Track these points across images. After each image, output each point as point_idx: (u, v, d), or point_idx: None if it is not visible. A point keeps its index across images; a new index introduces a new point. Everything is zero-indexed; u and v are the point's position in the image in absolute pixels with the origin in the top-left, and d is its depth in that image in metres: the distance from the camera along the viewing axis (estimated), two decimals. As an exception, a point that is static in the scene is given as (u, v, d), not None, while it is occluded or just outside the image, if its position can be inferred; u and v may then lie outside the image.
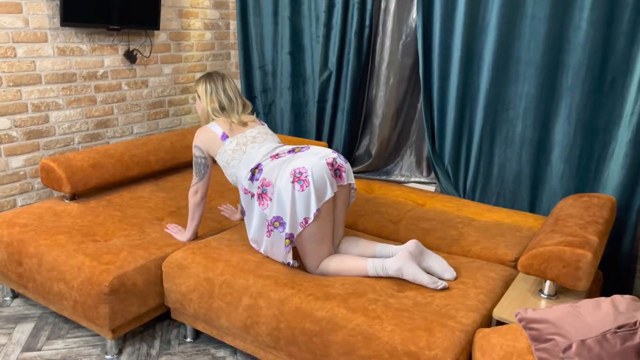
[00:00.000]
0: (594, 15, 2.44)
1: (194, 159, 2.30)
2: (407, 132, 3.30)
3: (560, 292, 1.96)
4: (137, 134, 3.49)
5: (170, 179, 3.20)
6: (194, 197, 2.33)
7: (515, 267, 2.28)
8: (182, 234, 2.43)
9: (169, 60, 3.59)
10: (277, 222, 2.07)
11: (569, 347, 1.30)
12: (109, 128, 3.32)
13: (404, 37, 3.13)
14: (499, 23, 2.68)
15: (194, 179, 2.32)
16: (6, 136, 2.82)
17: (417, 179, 3.30)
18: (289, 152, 2.18)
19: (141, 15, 3.22)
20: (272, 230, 2.10)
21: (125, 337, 2.37)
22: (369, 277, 2.08)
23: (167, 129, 3.68)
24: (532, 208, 2.85)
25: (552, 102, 2.67)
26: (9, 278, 2.49)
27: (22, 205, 2.94)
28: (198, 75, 3.81)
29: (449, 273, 2.04)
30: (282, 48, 3.53)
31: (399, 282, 2.04)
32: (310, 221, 2.02)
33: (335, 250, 2.23)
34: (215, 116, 2.31)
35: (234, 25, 3.93)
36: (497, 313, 1.85)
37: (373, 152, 3.33)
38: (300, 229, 2.04)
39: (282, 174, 2.06)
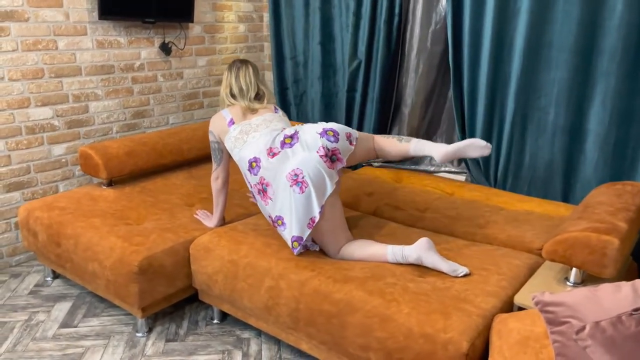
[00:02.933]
0: (630, -4, 2.35)
1: (210, 144, 2.36)
2: (438, 121, 3.26)
3: (588, 280, 1.90)
4: (173, 124, 3.59)
5: (202, 167, 3.29)
6: (215, 183, 2.39)
7: (541, 255, 2.22)
8: (209, 220, 2.49)
9: (203, 52, 3.68)
10: (280, 220, 2.10)
11: (582, 328, 1.27)
12: (146, 118, 3.43)
13: (433, 25, 3.09)
14: (530, 7, 2.61)
15: (214, 165, 2.38)
16: (49, 125, 2.96)
17: (447, 169, 3.26)
18: (282, 144, 2.13)
19: (176, 8, 3.32)
20: (275, 227, 2.15)
21: (156, 316, 2.46)
22: (389, 263, 2.07)
23: (202, 120, 3.77)
24: (566, 198, 2.77)
25: (586, 88, 2.59)
26: (49, 259, 2.62)
27: (63, 191, 3.09)
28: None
29: (461, 270, 1.99)
30: (313, 38, 3.55)
31: (421, 268, 2.03)
32: (317, 220, 2.04)
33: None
34: (229, 101, 2.38)
35: (267, 17, 3.99)
36: (519, 299, 1.82)
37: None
38: (309, 231, 2.05)
39: (279, 177, 2.07)
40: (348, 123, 3.48)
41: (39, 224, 2.56)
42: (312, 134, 2.12)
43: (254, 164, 2.15)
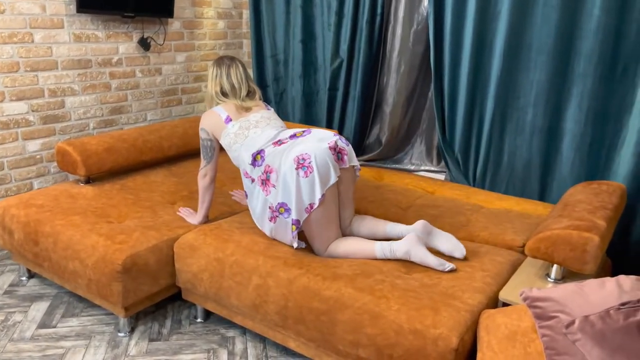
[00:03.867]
0: (606, 2, 2.42)
1: (200, 141, 2.34)
2: (418, 121, 3.31)
3: (568, 276, 1.96)
4: (151, 121, 3.54)
5: (182, 164, 3.25)
6: (202, 180, 2.37)
7: (522, 252, 2.28)
8: (193, 217, 2.47)
9: (182, 48, 3.63)
10: (282, 208, 2.10)
11: (572, 322, 1.32)
12: (123, 114, 3.37)
13: (415, 25, 3.13)
14: (510, 10, 2.67)
15: (202, 162, 2.36)
16: (23, 120, 2.88)
17: (427, 168, 3.31)
18: (291, 137, 2.19)
19: (155, 3, 3.27)
20: (277, 216, 2.14)
21: (138, 316, 2.43)
22: (377, 259, 2.10)
23: (180, 117, 3.73)
24: (542, 196, 2.85)
25: (563, 90, 2.66)
26: (25, 257, 2.55)
27: (38, 188, 3.00)
28: (211, 64, 3.84)
29: (458, 251, 2.05)
30: (294, 36, 3.55)
31: (407, 264, 2.06)
32: (315, 206, 2.05)
33: (346, 230, 2.26)
34: (219, 100, 2.36)
35: (246, 14, 3.96)
36: (504, 295, 1.86)
37: (383, 140, 3.35)
38: (306, 215, 2.07)
39: (285, 160, 2.08)
40: (329, 122, 3.50)
41: (15, 222, 2.48)
42: (327, 132, 2.19)
43: (258, 156, 2.17)
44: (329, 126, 3.50)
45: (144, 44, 3.35)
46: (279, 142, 2.18)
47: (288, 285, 1.97)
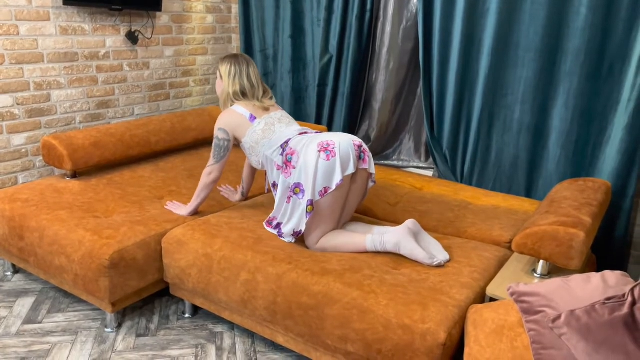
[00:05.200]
0: (593, 0, 2.45)
1: (215, 141, 2.32)
2: (407, 117, 3.32)
3: (553, 272, 1.99)
4: (138, 115, 3.51)
5: (170, 159, 3.23)
6: (206, 178, 2.36)
7: (509, 248, 2.31)
8: (182, 209, 2.46)
9: (170, 42, 3.60)
10: (298, 188, 2.12)
11: (558, 317, 1.33)
12: (110, 109, 3.34)
13: (404, 22, 3.14)
14: (499, 8, 2.69)
15: (211, 161, 2.34)
16: (8, 114, 2.84)
17: (415, 164, 3.33)
18: (316, 132, 2.27)
19: (143, -4, 3.24)
20: (291, 196, 2.15)
21: (125, 311, 2.41)
22: (367, 252, 2.11)
23: (168, 112, 3.70)
24: (529, 193, 2.88)
25: (550, 88, 2.69)
26: (10, 253, 2.52)
27: (23, 183, 2.97)
28: (199, 58, 3.83)
29: (442, 255, 2.06)
30: (283, 32, 3.54)
31: (395, 259, 2.07)
32: (330, 191, 2.07)
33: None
34: (235, 99, 2.34)
35: (235, 9, 3.94)
36: (491, 290, 1.88)
37: (372, 136, 3.36)
38: (318, 197, 2.08)
39: (308, 144, 2.13)
40: (318, 117, 3.50)
41: (0, 217, 2.45)
42: (352, 136, 2.23)
43: (285, 145, 2.21)
44: (317, 122, 3.50)
45: (132, 37, 3.32)
46: (305, 133, 2.26)
47: (277, 280, 1.97)
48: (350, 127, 3.40)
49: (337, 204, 2.15)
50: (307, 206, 2.09)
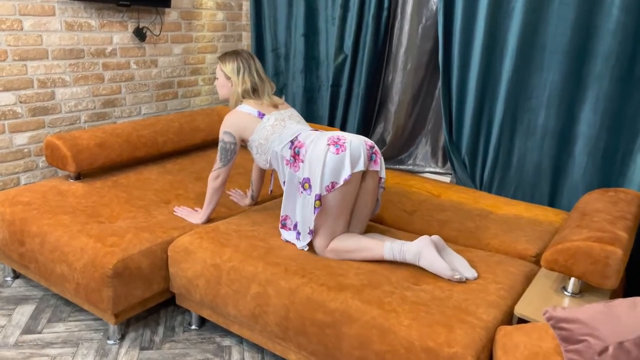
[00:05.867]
0: (626, 1, 2.31)
1: (221, 144, 2.21)
2: (423, 121, 3.19)
3: (584, 290, 1.86)
4: (145, 115, 3.40)
5: (178, 161, 3.12)
6: (214, 182, 2.25)
7: (536, 262, 2.18)
8: (194, 216, 2.34)
9: (179, 39, 3.49)
10: (307, 184, 2.03)
11: (605, 349, 1.21)
12: (117, 107, 3.23)
13: (423, 21, 3.01)
14: (525, 8, 2.56)
15: (217, 164, 2.23)
16: (10, 112, 2.74)
17: (431, 169, 3.20)
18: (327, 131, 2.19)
19: (152, -9, 3.12)
20: (302, 192, 2.06)
21: (129, 322, 2.30)
22: (383, 260, 1.98)
23: (176, 111, 3.59)
24: (552, 202, 2.75)
25: (577, 91, 2.55)
26: (10, 258, 2.42)
27: (25, 184, 2.87)
28: (209, 56, 3.71)
29: (469, 273, 1.93)
30: (296, 30, 3.42)
31: (415, 273, 1.95)
32: (337, 186, 1.96)
33: None
34: (244, 97, 2.23)
35: (246, 6, 3.82)
36: (519, 310, 1.75)
37: (388, 139, 3.23)
38: (324, 193, 1.97)
39: (318, 138, 2.05)
40: (331, 119, 3.38)
41: (0, 220, 2.35)
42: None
43: (294, 139, 2.12)
44: (330, 124, 3.38)
45: (140, 34, 3.20)
46: (315, 130, 2.18)
47: (290, 295, 1.85)
48: (365, 130, 3.28)
49: (346, 203, 2.02)
50: (315, 201, 1.98)
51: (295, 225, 2.15)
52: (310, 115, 3.52)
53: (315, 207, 1.99)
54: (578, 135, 2.60)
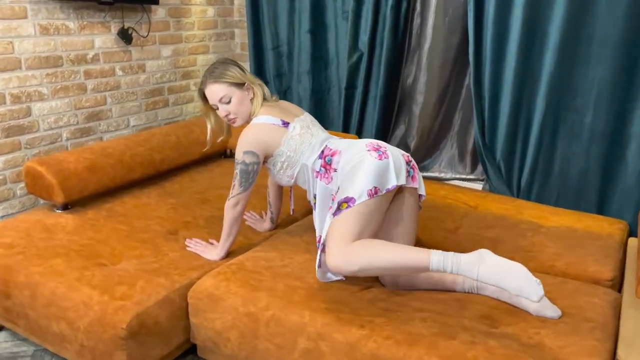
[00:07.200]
0: (689, -15, 2.07)
1: (242, 166, 1.86)
2: (449, 123, 2.91)
3: (684, 322, 1.61)
4: (134, 127, 3.01)
5: (176, 179, 2.75)
6: (232, 210, 1.91)
7: (612, 287, 1.92)
8: (211, 251, 2.00)
9: (168, 40, 3.10)
10: (345, 203, 1.67)
11: None
12: (102, 121, 2.83)
13: (450, 12, 2.71)
14: (569, -5, 2.29)
15: (236, 190, 1.89)
16: (-20, 134, 2.33)
17: (460, 175, 2.92)
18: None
19: (137, -14, 2.73)
20: (332, 206, 1.74)
21: (142, 380, 1.94)
22: (429, 271, 1.56)
23: (167, 121, 3.21)
24: (600, 210, 2.50)
25: (630, 89, 2.30)
26: (-8, 311, 2.03)
27: (2, 216, 2.46)
28: (200, 57, 3.33)
29: (551, 311, 1.64)
30: (300, 26, 3.07)
31: (487, 311, 1.66)
32: (380, 193, 1.64)
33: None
34: (260, 106, 1.94)
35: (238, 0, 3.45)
36: (624, 357, 1.49)
37: (412, 145, 2.93)
38: (365, 198, 1.61)
39: (354, 144, 1.81)
40: (346, 124, 3.05)
41: (-23, 268, 1.96)
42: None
43: (324, 148, 1.87)
44: (345, 130, 3.05)
45: (125, 36, 2.81)
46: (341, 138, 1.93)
47: (349, 351, 1.54)
48: (383, 135, 2.97)
49: (376, 218, 1.67)
50: (342, 203, 1.63)
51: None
52: (319, 121, 3.15)
53: (339, 209, 1.63)
54: (631, 137, 2.35)
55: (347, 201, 1.63)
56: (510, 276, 1.45)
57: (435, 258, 1.51)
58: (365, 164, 1.67)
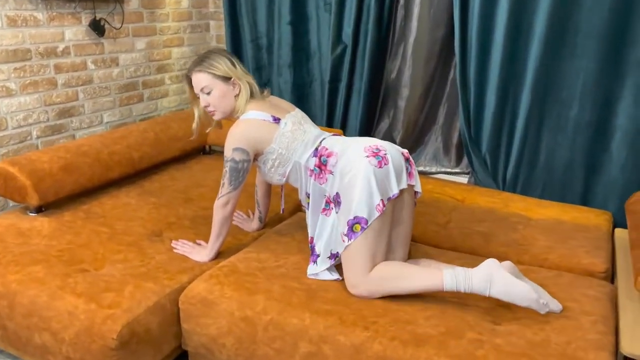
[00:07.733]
0: (673, -22, 2.09)
1: (231, 164, 1.78)
2: (434, 116, 2.88)
3: (680, 312, 1.63)
4: (108, 124, 2.87)
5: (155, 178, 2.65)
6: (222, 210, 1.83)
7: (606, 278, 1.94)
8: (199, 252, 1.92)
9: (142, 32, 2.97)
10: (337, 200, 1.71)
11: None
12: (74, 117, 2.69)
13: (435, 3, 2.67)
14: (556, -13, 2.28)
15: (226, 189, 1.81)
16: (-57, 133, 2.17)
17: (444, 169, 2.90)
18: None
19: (109, -25, 2.60)
20: (326, 209, 1.76)
21: (130, 390, 1.85)
22: (443, 290, 1.60)
23: (142, 116, 3.08)
24: (585, 201, 2.53)
25: (615, 80, 2.32)
26: (-36, 323, 1.89)
27: (-31, 221, 2.30)
28: (175, 50, 3.21)
29: (554, 304, 1.64)
30: (280, 17, 2.99)
31: (488, 308, 1.64)
32: (386, 203, 1.65)
33: None
34: (248, 102, 1.86)
35: (213, -10, 3.34)
36: (629, 349, 1.49)
37: (397, 138, 2.90)
38: (376, 215, 1.63)
39: (351, 145, 1.75)
40: (330, 118, 2.99)
41: (-53, 278, 1.82)
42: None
43: (318, 146, 1.81)
44: (329, 124, 2.99)
45: (97, 27, 2.66)
46: (338, 135, 1.87)
47: (354, 354, 1.50)
48: (367, 129, 2.92)
49: (387, 225, 1.70)
50: (354, 224, 1.64)
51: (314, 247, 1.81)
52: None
53: (354, 232, 1.64)
54: (616, 128, 2.38)
55: (359, 221, 1.64)
56: (521, 298, 1.54)
57: (448, 280, 1.58)
58: (365, 174, 1.64)
